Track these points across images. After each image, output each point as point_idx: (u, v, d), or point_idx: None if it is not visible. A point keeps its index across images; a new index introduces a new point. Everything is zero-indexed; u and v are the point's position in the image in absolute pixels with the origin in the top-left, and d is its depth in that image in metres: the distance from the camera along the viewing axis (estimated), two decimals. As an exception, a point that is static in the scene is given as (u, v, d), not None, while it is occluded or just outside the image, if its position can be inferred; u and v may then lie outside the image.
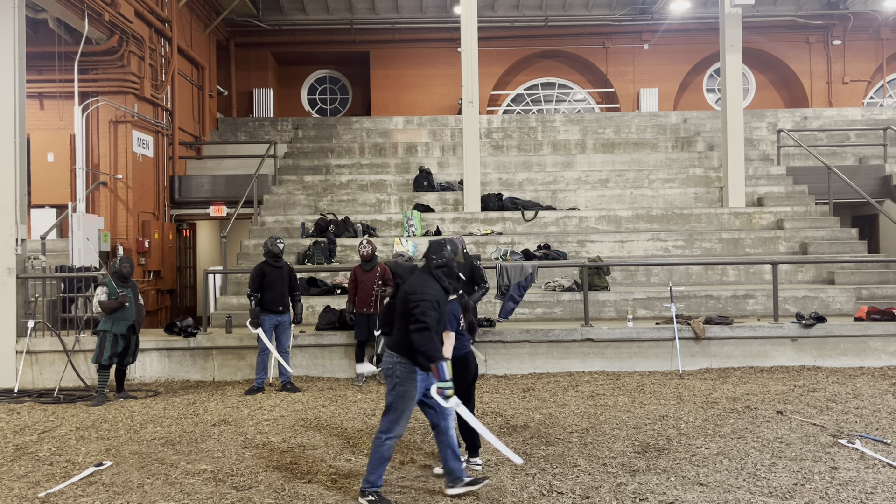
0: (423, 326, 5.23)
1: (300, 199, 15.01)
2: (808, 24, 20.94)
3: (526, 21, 20.82)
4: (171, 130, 15.81)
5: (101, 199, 13.68)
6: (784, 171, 15.82)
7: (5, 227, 10.20)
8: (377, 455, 5.34)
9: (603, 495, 5.43)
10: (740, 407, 8.05)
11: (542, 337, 10.29)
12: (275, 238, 9.59)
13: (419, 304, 5.29)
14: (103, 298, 9.01)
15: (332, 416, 7.96)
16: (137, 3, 14.05)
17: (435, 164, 16.35)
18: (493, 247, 13.06)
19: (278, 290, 9.42)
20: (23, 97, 10.51)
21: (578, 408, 8.14)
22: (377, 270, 9.71)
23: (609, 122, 18.74)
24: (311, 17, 20.60)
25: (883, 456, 6.25)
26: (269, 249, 9.52)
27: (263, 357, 9.48)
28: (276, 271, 9.45)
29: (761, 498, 5.35)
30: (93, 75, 13.66)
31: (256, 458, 6.54)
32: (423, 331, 5.23)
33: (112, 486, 5.82)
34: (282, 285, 9.46)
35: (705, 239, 13.42)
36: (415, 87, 21.29)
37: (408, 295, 5.42)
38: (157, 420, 7.99)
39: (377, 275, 9.68)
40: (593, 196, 14.97)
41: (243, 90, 20.97)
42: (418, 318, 5.25)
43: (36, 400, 9.21)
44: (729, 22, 14.41)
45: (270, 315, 9.42)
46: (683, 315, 10.73)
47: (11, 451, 6.91)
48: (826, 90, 21.44)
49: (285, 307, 9.50)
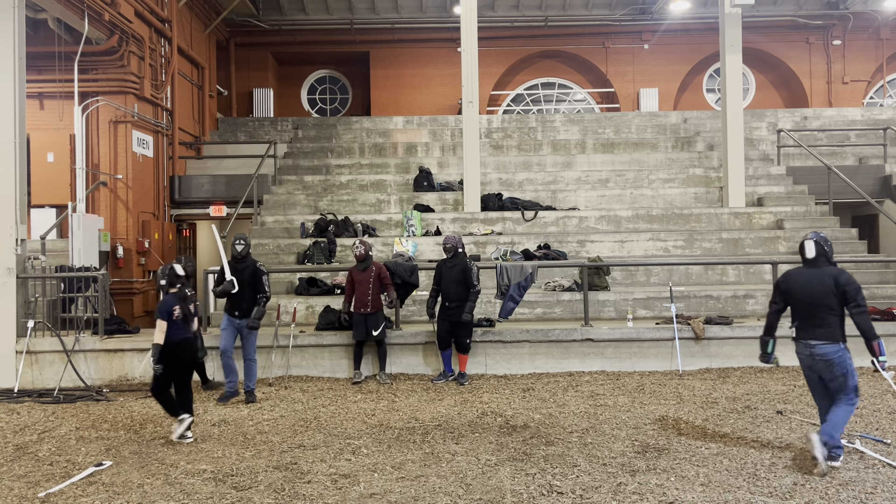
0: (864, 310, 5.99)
1: (300, 199, 15.01)
2: (807, 24, 20.95)
3: (526, 21, 20.83)
4: (171, 130, 15.81)
5: (101, 199, 13.68)
6: (784, 171, 15.82)
7: (5, 227, 10.19)
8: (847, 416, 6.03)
9: (603, 495, 5.43)
10: (740, 407, 8.05)
11: (542, 337, 10.29)
12: (238, 237, 8.97)
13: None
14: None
15: (332, 416, 7.96)
16: (137, 3, 14.05)
17: (435, 164, 16.36)
18: (493, 247, 13.07)
19: (238, 292, 8.82)
20: (23, 97, 10.50)
21: (578, 408, 8.14)
22: (372, 270, 9.67)
23: (609, 122, 18.74)
24: (311, 17, 20.61)
25: (883, 456, 6.25)
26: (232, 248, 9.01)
27: (226, 359, 8.89)
28: (238, 273, 8.86)
29: (761, 498, 5.35)
30: (93, 75, 13.66)
31: (256, 458, 6.53)
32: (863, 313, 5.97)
33: (112, 486, 5.82)
34: (242, 287, 8.83)
35: (705, 239, 13.42)
36: (415, 87, 21.29)
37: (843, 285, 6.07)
38: (157, 420, 7.99)
39: (372, 275, 9.64)
40: (593, 196, 14.97)
41: (243, 90, 20.97)
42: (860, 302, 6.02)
43: (36, 400, 9.21)
44: (729, 22, 14.41)
45: (231, 318, 8.92)
46: (683, 315, 10.73)
47: (11, 451, 6.91)
48: (826, 90, 21.44)
49: (245, 312, 8.85)
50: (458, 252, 9.70)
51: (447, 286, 9.63)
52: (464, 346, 9.69)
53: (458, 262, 9.64)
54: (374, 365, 10.11)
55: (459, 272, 9.56)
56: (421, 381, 9.69)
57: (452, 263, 9.66)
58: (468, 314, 9.48)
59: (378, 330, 9.65)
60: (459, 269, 9.58)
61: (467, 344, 9.69)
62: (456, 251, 9.68)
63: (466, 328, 9.63)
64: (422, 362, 10.24)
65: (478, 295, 9.61)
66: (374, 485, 5.75)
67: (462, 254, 9.74)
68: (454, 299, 9.56)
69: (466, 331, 9.65)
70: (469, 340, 9.71)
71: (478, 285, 9.57)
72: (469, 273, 9.51)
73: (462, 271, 9.55)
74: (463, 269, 9.56)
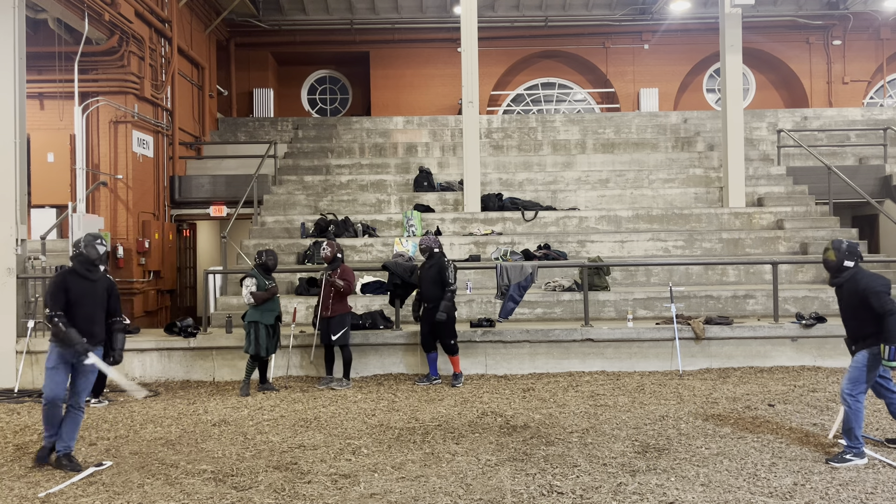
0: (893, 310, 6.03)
1: (300, 199, 15.01)
2: (808, 24, 20.93)
3: (526, 21, 20.82)
4: (171, 130, 15.80)
5: (101, 199, 13.67)
6: (784, 171, 15.82)
7: (5, 228, 10.19)
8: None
9: (603, 495, 5.43)
10: (740, 407, 8.05)
11: (542, 337, 10.29)
12: (91, 237, 6.50)
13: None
14: (254, 290, 9.20)
15: (332, 416, 7.96)
16: (137, 3, 14.05)
17: (435, 164, 16.36)
18: (493, 247, 13.06)
19: (87, 311, 6.41)
20: (23, 97, 10.50)
21: (578, 408, 8.14)
22: (337, 273, 9.43)
23: (609, 122, 18.73)
24: (311, 17, 20.60)
25: (883, 456, 6.25)
26: (79, 252, 6.45)
27: (50, 409, 6.37)
28: (88, 285, 6.44)
29: (761, 498, 5.35)
30: (93, 75, 13.66)
31: (256, 458, 6.53)
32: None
33: (112, 486, 5.82)
34: (93, 305, 6.46)
35: (705, 239, 13.42)
36: (415, 87, 21.28)
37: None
38: (157, 420, 7.99)
39: (336, 276, 9.39)
40: (593, 196, 14.97)
41: (243, 90, 20.96)
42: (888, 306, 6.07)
43: (36, 400, 9.20)
44: (729, 22, 14.41)
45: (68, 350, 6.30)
46: (683, 315, 10.72)
47: (12, 451, 6.91)
48: (826, 90, 21.43)
49: (96, 338, 6.47)
50: (434, 252, 9.55)
51: (425, 287, 9.49)
52: (448, 346, 9.46)
53: (434, 263, 9.49)
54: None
55: (435, 272, 9.41)
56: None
57: (429, 264, 9.52)
58: (443, 313, 9.23)
59: (337, 335, 9.35)
60: (435, 270, 9.42)
61: (451, 345, 9.46)
62: (431, 251, 9.54)
63: (445, 328, 9.39)
64: (421, 362, 10.24)
65: (453, 294, 9.37)
66: (374, 485, 5.76)
67: (438, 254, 9.56)
68: (431, 300, 9.40)
69: (447, 331, 9.42)
70: (453, 341, 9.47)
71: (453, 284, 9.34)
72: (444, 272, 9.33)
73: (438, 271, 9.38)
74: (439, 268, 9.39)
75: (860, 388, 6.24)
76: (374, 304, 11.30)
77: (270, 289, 9.31)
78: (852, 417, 6.18)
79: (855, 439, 6.15)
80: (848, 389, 6.27)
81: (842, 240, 6.43)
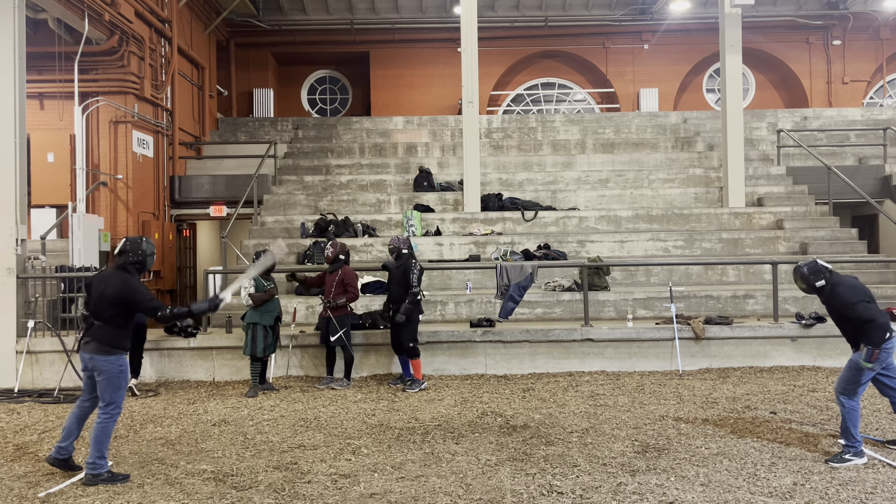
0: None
1: (300, 199, 15.01)
2: (807, 24, 20.95)
3: (526, 21, 20.83)
4: (171, 130, 15.81)
5: (101, 199, 13.68)
6: (784, 171, 15.82)
7: (5, 228, 10.19)
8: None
9: (603, 495, 5.43)
10: (740, 407, 8.05)
11: (542, 337, 10.29)
12: (148, 244, 6.26)
13: None
14: (252, 291, 9.18)
15: (332, 416, 7.96)
16: (137, 3, 14.05)
17: (435, 164, 16.36)
18: (493, 247, 13.07)
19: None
20: (23, 97, 10.50)
21: (578, 408, 8.14)
22: (338, 273, 9.39)
23: (609, 122, 18.74)
24: (311, 17, 20.61)
25: (883, 456, 6.26)
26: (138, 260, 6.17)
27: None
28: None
29: (761, 498, 5.35)
30: (93, 75, 13.66)
31: (256, 458, 6.54)
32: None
33: (112, 486, 5.83)
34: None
35: (705, 239, 13.42)
36: (415, 87, 21.29)
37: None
38: (157, 420, 7.99)
39: (336, 278, 9.35)
40: (593, 196, 14.98)
41: (243, 90, 20.97)
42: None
43: (36, 400, 9.21)
44: (729, 22, 14.42)
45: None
46: (683, 315, 10.73)
47: (11, 451, 6.91)
48: (826, 90, 21.44)
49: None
50: (403, 253, 9.41)
51: (392, 288, 9.39)
52: (407, 349, 9.22)
53: (401, 264, 9.38)
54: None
55: (402, 273, 9.30)
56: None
57: (397, 265, 9.41)
58: (402, 315, 9.09)
59: (335, 336, 9.30)
60: (402, 271, 9.32)
61: (410, 347, 9.21)
62: (399, 252, 9.40)
63: (404, 329, 9.19)
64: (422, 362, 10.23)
65: (415, 296, 9.17)
66: (374, 485, 5.76)
67: (407, 255, 9.42)
68: (396, 301, 9.29)
69: (406, 333, 9.21)
70: (412, 343, 9.22)
71: (416, 286, 9.17)
72: (409, 273, 9.21)
73: (404, 272, 9.28)
74: (405, 270, 9.29)
75: (851, 388, 6.29)
76: (374, 304, 11.29)
77: (269, 290, 9.30)
78: (847, 417, 6.23)
79: (852, 438, 6.17)
80: (839, 389, 6.35)
81: (801, 265, 6.53)
